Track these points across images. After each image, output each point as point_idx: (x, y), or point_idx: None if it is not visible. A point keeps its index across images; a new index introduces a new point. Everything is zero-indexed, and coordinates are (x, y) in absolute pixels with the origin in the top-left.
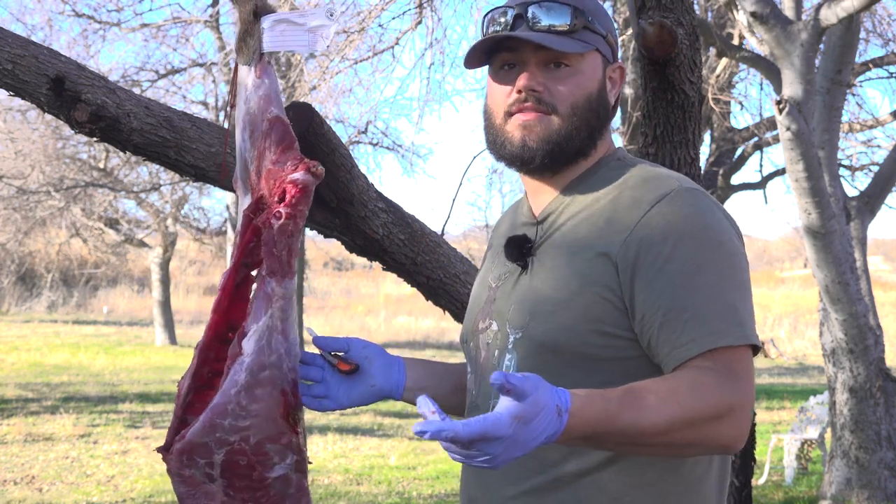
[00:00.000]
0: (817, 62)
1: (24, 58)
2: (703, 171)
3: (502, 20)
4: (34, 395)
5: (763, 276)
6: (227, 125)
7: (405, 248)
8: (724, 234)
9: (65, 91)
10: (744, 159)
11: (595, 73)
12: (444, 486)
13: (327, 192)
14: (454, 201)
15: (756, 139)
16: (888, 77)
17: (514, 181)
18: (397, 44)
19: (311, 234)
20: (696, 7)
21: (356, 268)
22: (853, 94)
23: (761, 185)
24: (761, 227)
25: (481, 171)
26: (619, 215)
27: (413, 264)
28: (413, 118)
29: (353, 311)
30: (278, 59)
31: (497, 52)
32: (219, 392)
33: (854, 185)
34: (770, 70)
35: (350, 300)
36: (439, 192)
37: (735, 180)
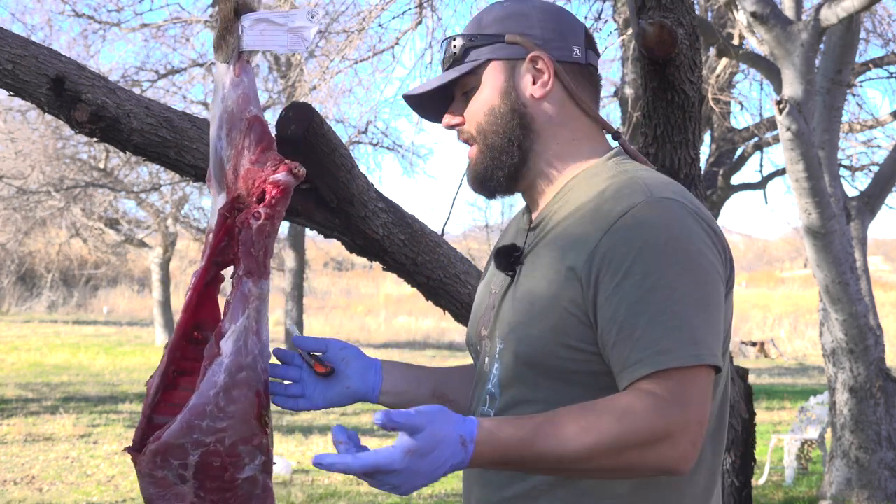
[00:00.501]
0: (817, 62)
1: (25, 58)
2: (703, 172)
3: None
4: (34, 395)
5: (763, 276)
6: None
7: (405, 249)
8: (691, 246)
9: (65, 91)
10: (744, 159)
11: (495, 81)
12: (445, 486)
13: (327, 192)
14: (454, 201)
15: (756, 139)
16: (888, 77)
17: None
18: (397, 44)
19: (311, 234)
20: (696, 7)
21: (356, 268)
22: (853, 94)
23: (761, 185)
24: (761, 227)
25: None
26: (589, 228)
27: (413, 264)
28: (413, 118)
29: (354, 311)
30: (278, 59)
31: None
32: (196, 393)
33: (854, 185)
34: (770, 70)
35: (350, 300)
36: (439, 192)
37: (735, 180)
